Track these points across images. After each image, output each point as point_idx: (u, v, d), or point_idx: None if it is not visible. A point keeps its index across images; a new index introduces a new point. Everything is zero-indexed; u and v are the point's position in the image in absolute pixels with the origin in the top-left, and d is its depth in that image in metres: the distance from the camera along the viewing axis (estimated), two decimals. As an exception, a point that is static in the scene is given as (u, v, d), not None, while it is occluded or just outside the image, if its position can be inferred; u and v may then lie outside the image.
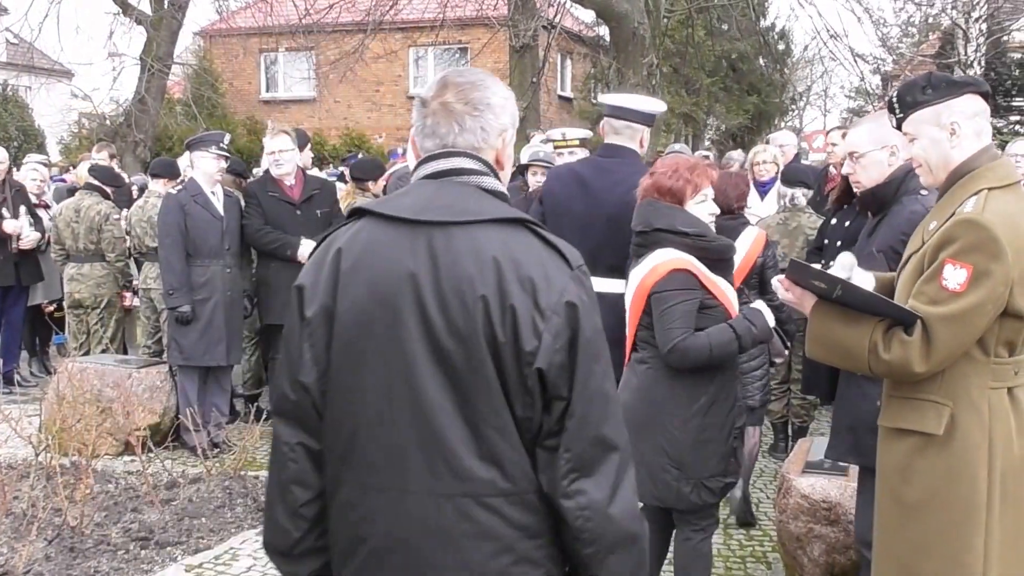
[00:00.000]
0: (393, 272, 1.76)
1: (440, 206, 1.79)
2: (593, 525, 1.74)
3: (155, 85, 15.41)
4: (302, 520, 1.86)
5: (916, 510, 2.46)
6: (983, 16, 18.46)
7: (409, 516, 1.75)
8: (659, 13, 12.47)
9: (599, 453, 1.75)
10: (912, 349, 2.35)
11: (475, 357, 1.71)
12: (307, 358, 1.82)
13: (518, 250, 1.75)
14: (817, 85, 33.86)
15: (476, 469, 1.72)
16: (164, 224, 5.91)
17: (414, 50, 24.05)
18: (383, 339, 1.76)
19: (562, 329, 1.72)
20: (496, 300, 1.71)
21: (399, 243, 1.77)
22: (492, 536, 1.74)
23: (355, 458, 1.79)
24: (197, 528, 4.65)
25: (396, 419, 1.75)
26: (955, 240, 2.35)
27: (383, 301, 1.76)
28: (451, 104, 1.84)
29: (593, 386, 1.74)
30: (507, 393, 1.72)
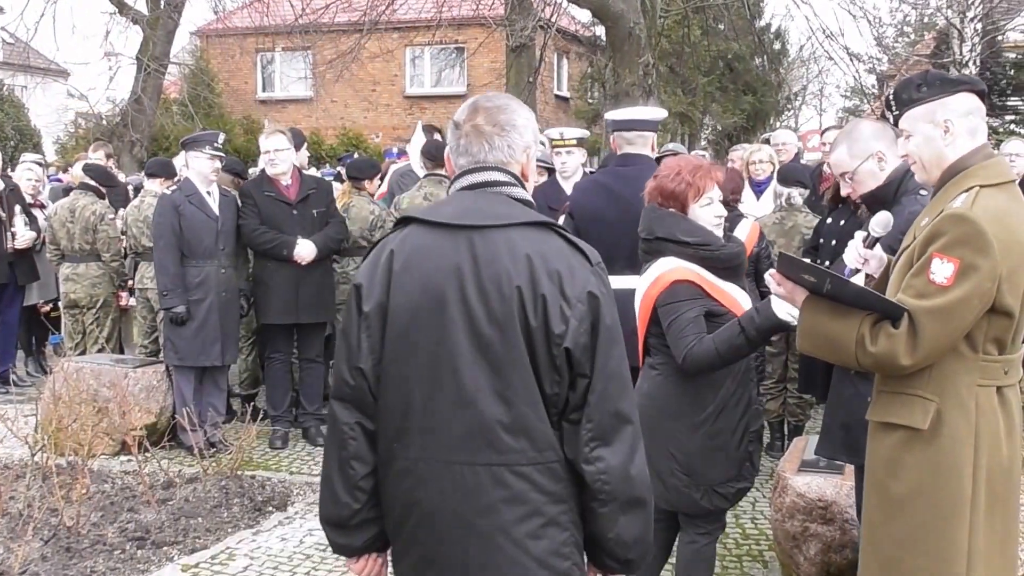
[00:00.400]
0: (440, 269, 2.03)
1: (477, 212, 2.07)
2: (610, 488, 2.02)
3: (151, 85, 15.39)
4: (361, 492, 2.11)
5: (901, 504, 2.47)
6: (978, 16, 18.50)
7: (453, 484, 2.02)
8: (655, 13, 12.47)
9: (616, 424, 2.02)
10: (898, 342, 2.36)
11: (511, 341, 1.99)
12: (364, 348, 2.08)
13: (546, 248, 2.03)
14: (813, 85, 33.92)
15: (510, 441, 1.99)
16: (158, 225, 5.90)
17: (410, 50, 24.03)
18: (431, 329, 2.03)
19: (585, 315, 2.00)
20: (529, 290, 1.99)
21: (443, 244, 2.05)
22: (523, 501, 2.00)
23: (406, 435, 2.05)
24: (193, 528, 4.65)
25: (441, 399, 2.02)
26: (943, 235, 2.37)
27: (431, 295, 2.03)
28: (481, 126, 2.13)
29: (612, 367, 2.02)
30: (537, 373, 1.99)
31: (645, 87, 10.84)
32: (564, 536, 2.04)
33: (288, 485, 5.39)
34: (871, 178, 3.29)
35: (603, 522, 2.05)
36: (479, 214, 2.07)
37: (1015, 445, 2.48)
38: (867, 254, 2.78)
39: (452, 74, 24.80)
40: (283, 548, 4.50)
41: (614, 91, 11.17)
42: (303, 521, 4.85)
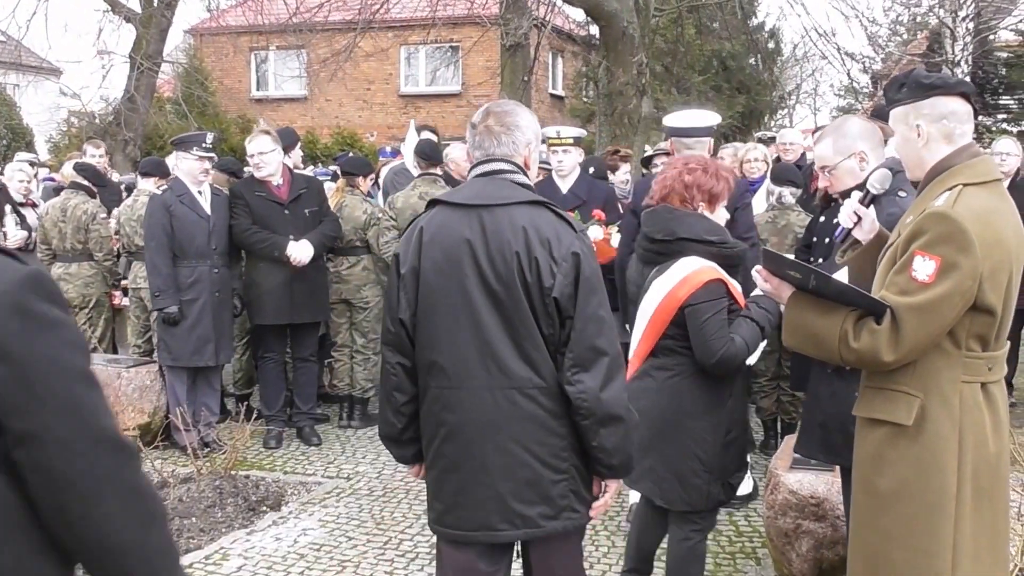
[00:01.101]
0: (457, 240, 2.59)
1: (486, 194, 2.63)
2: (588, 405, 2.53)
3: (145, 83, 15.35)
4: (402, 416, 2.72)
5: (887, 499, 2.49)
6: (970, 15, 18.55)
7: (473, 405, 2.58)
8: (649, 12, 12.45)
9: (593, 356, 2.53)
10: (881, 338, 2.38)
11: (514, 294, 2.54)
12: (403, 303, 2.66)
13: (539, 221, 2.57)
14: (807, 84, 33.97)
15: (518, 370, 2.56)
16: (149, 226, 5.89)
17: (405, 48, 24.02)
18: (452, 286, 2.59)
19: (569, 271, 2.53)
20: (525, 254, 2.53)
21: (460, 220, 2.62)
22: (530, 416, 2.57)
23: (436, 369, 2.62)
24: (187, 528, 4.65)
25: (463, 340, 2.58)
26: (925, 232, 2.39)
27: (451, 260, 2.59)
28: (492, 126, 2.70)
29: (590, 311, 2.53)
30: (536, 317, 2.55)
31: (639, 86, 10.84)
32: (563, 443, 2.60)
33: (282, 485, 5.39)
34: (849, 176, 3.33)
35: (587, 434, 2.58)
36: (488, 196, 2.63)
37: (1002, 441, 2.50)
38: (862, 211, 2.79)
39: (447, 73, 24.80)
40: (277, 548, 4.50)
41: (608, 90, 11.17)
42: (297, 521, 4.85)
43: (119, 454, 1.52)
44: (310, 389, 6.45)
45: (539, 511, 2.61)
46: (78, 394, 1.48)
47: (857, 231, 2.83)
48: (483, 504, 2.62)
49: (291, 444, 6.30)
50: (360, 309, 6.64)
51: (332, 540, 4.61)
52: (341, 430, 6.63)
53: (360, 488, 5.35)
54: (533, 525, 2.62)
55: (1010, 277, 2.43)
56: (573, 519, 2.67)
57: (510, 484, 2.60)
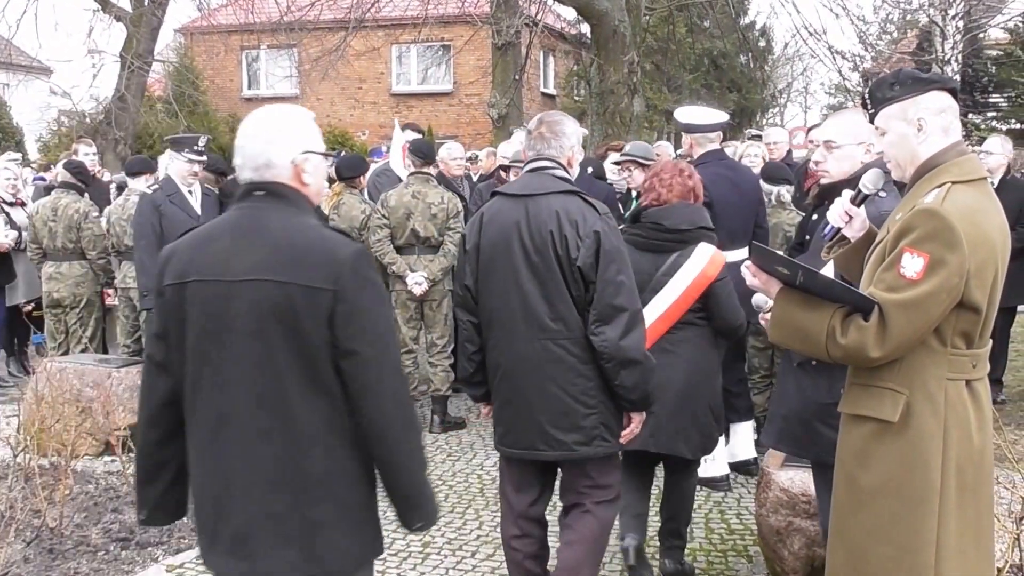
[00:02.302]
0: (507, 222, 3.32)
1: (532, 186, 3.36)
2: (608, 351, 3.20)
3: (135, 82, 15.30)
4: (473, 362, 3.46)
5: (870, 495, 2.49)
6: (960, 14, 18.61)
7: (519, 351, 3.30)
8: (640, 10, 12.46)
9: (612, 312, 3.20)
10: (868, 334, 2.39)
11: (549, 264, 3.24)
12: (468, 271, 3.41)
13: (570, 206, 3.26)
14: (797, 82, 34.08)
15: (552, 324, 3.26)
16: (138, 225, 5.87)
17: (396, 47, 24.00)
18: (503, 258, 3.31)
19: (591, 246, 3.20)
20: (557, 233, 3.23)
21: (512, 207, 3.35)
22: (562, 361, 3.26)
23: (493, 323, 3.36)
24: (178, 528, 4.62)
25: (510, 300, 3.30)
26: (913, 229, 2.39)
27: (503, 238, 3.31)
28: (543, 132, 3.42)
29: (608, 276, 3.20)
30: (566, 282, 3.24)
31: (630, 85, 10.86)
32: (591, 384, 3.26)
33: (273, 484, 5.37)
34: (848, 161, 3.40)
35: (610, 374, 3.24)
36: (533, 187, 3.35)
37: (986, 437, 2.50)
38: (853, 211, 2.79)
39: (438, 72, 24.79)
40: (268, 547, 4.49)
41: (599, 89, 11.17)
42: (288, 520, 4.84)
43: (401, 377, 2.34)
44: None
45: (573, 438, 3.27)
46: (384, 332, 2.29)
47: (847, 230, 2.83)
48: (529, 430, 3.31)
49: (283, 444, 6.28)
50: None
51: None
52: (333, 429, 6.62)
53: (352, 488, 5.33)
54: (567, 449, 3.29)
55: (995, 275, 2.44)
56: (604, 446, 3.32)
57: (548, 415, 3.27)
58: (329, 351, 2.20)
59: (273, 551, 2.23)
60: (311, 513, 2.23)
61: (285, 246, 2.23)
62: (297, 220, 2.28)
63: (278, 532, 2.23)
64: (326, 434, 2.24)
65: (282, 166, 2.30)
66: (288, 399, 2.21)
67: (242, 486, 2.24)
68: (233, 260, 2.24)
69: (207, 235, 2.35)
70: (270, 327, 2.20)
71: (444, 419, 6.56)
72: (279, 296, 2.19)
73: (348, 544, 2.29)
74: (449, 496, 5.19)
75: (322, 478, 2.24)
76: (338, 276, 2.19)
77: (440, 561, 4.32)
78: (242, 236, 2.26)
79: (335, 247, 2.24)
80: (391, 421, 2.25)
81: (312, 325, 2.18)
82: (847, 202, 2.81)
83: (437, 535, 4.61)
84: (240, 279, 2.22)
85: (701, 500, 5.07)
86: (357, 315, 2.20)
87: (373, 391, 2.22)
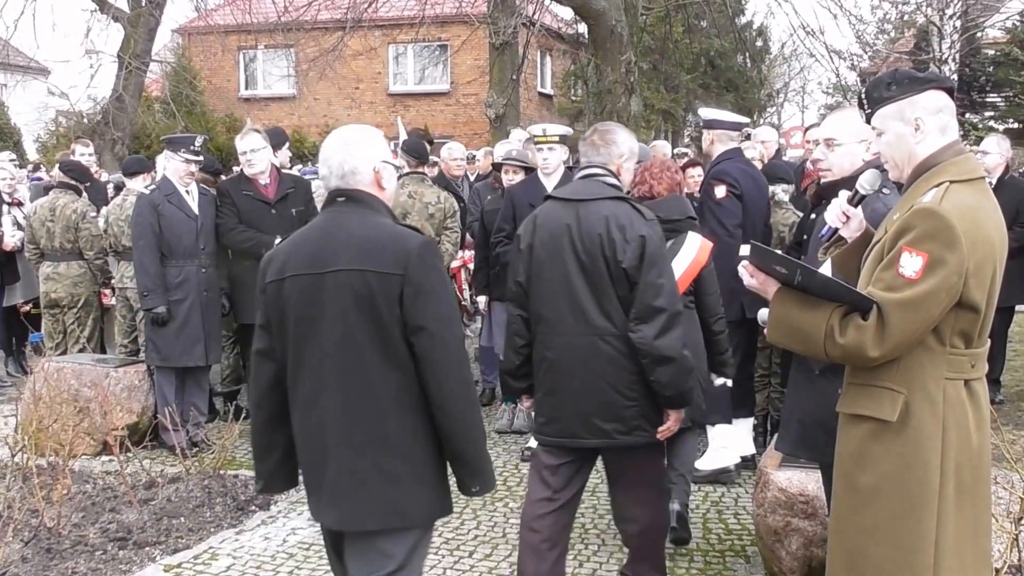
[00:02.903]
0: (559, 225, 3.53)
1: (583, 191, 3.60)
2: (644, 348, 3.41)
3: (133, 83, 15.26)
4: (520, 355, 3.65)
5: (869, 495, 2.49)
6: (957, 13, 18.63)
7: (566, 345, 3.51)
8: (637, 10, 12.47)
9: (650, 313, 3.41)
10: (866, 334, 2.38)
11: (597, 266, 3.45)
12: (521, 269, 3.61)
13: (618, 211, 3.49)
14: (795, 82, 34.10)
15: (598, 321, 3.47)
16: (137, 226, 5.87)
17: (394, 47, 23.96)
18: (554, 258, 3.52)
19: (636, 249, 3.41)
20: (606, 236, 3.44)
21: (563, 210, 3.56)
22: (607, 355, 3.46)
23: (541, 319, 3.55)
24: (176, 528, 4.63)
25: (559, 298, 3.50)
26: (912, 229, 2.39)
27: (554, 239, 3.52)
28: (595, 140, 3.67)
29: (649, 279, 3.41)
30: (613, 283, 3.45)
31: (628, 84, 10.85)
32: (633, 378, 3.47)
33: (271, 484, 5.37)
34: (848, 159, 3.42)
35: (647, 370, 3.44)
36: (583, 192, 3.59)
37: (984, 437, 2.50)
38: (851, 211, 2.79)
39: (435, 72, 24.77)
40: (266, 547, 4.49)
41: (597, 88, 11.18)
42: (286, 520, 4.84)
43: (463, 353, 2.67)
44: (299, 388, 6.43)
45: (614, 427, 3.48)
46: (446, 311, 2.63)
47: (844, 230, 2.83)
48: (572, 419, 3.52)
49: (280, 444, 6.27)
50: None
51: (321, 539, 4.58)
52: (331, 429, 6.61)
53: (350, 487, 5.33)
54: (608, 437, 3.50)
55: (993, 274, 2.44)
56: (642, 436, 3.52)
57: (592, 405, 3.48)
58: (400, 329, 2.58)
59: (358, 502, 2.63)
60: (389, 471, 2.61)
61: (362, 240, 2.64)
62: (373, 219, 2.70)
63: (362, 486, 2.62)
64: (400, 403, 2.61)
65: (365, 172, 2.72)
66: (368, 372, 2.60)
67: (333, 447, 2.64)
68: (321, 256, 2.66)
69: (300, 238, 2.77)
70: (352, 310, 2.60)
71: None
72: (358, 282, 2.59)
73: (421, 499, 2.66)
74: (447, 496, 5.19)
75: (398, 441, 2.62)
76: (406, 263, 2.59)
77: (438, 561, 4.32)
78: (327, 235, 2.69)
79: (404, 239, 2.65)
80: (452, 391, 2.60)
81: (386, 306, 2.58)
82: (844, 202, 2.81)
83: (434, 535, 4.61)
84: (327, 271, 2.63)
85: (699, 500, 5.07)
86: (423, 296, 2.58)
87: (437, 363, 2.58)
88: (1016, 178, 7.64)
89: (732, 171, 5.44)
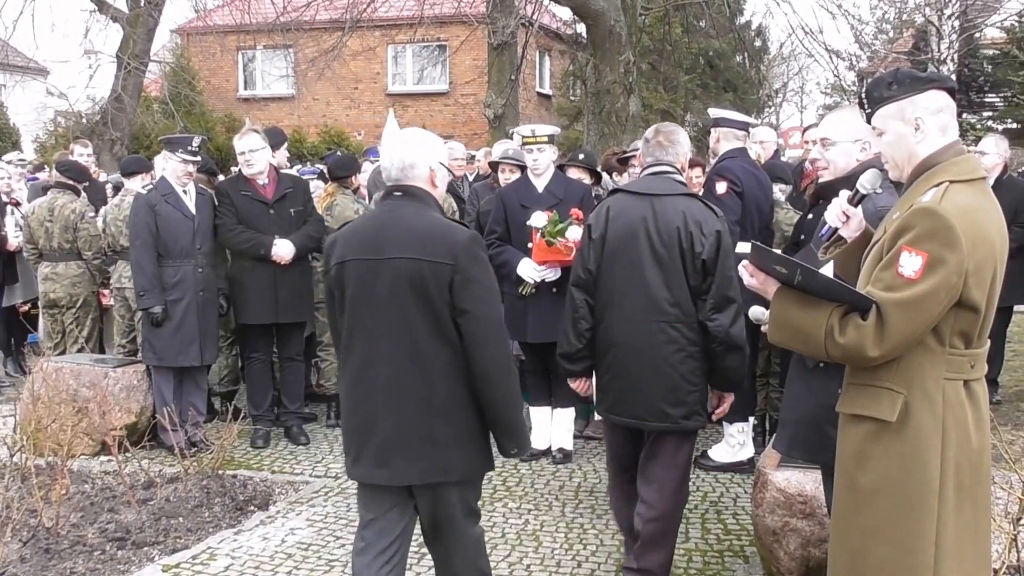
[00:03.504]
0: (635, 217, 3.77)
1: (656, 187, 3.85)
2: (720, 335, 3.67)
3: (132, 83, 15.25)
4: (582, 338, 3.86)
5: (869, 496, 2.49)
6: (955, 13, 18.65)
7: (635, 331, 3.74)
8: (636, 10, 12.46)
9: (725, 303, 3.68)
10: (866, 333, 2.38)
11: (673, 257, 3.69)
12: (591, 258, 3.82)
13: (692, 208, 3.76)
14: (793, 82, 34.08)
15: (669, 308, 3.71)
16: (134, 225, 5.86)
17: (392, 47, 23.96)
18: (628, 249, 3.75)
19: (712, 243, 3.67)
20: (684, 230, 3.69)
21: (637, 204, 3.81)
22: (674, 341, 3.71)
23: (612, 305, 3.78)
24: (174, 528, 4.63)
25: (632, 285, 3.73)
26: (912, 228, 2.38)
27: (629, 231, 3.76)
28: (661, 141, 3.96)
29: (724, 271, 3.68)
30: (686, 273, 3.69)
31: (626, 85, 10.84)
32: (696, 365, 3.73)
33: (270, 484, 5.37)
34: (843, 158, 3.47)
35: (716, 358, 3.72)
36: (657, 188, 3.84)
37: (984, 438, 2.50)
38: (851, 211, 2.79)
39: (434, 72, 24.76)
40: (265, 548, 4.49)
41: (595, 89, 11.17)
42: (285, 520, 4.83)
43: (503, 333, 3.05)
44: (297, 388, 6.43)
45: (679, 412, 3.72)
46: (489, 296, 3.00)
47: (844, 230, 2.83)
48: (636, 402, 3.76)
49: (279, 443, 6.28)
50: (348, 308, 6.62)
51: (320, 539, 4.60)
52: (329, 429, 6.61)
53: (348, 487, 5.33)
54: (673, 421, 3.73)
55: (994, 274, 2.43)
56: (699, 421, 3.80)
57: (658, 390, 3.71)
58: (449, 311, 2.94)
59: (408, 461, 2.98)
60: (436, 433, 2.97)
61: (417, 232, 2.98)
62: (426, 213, 3.04)
63: (411, 446, 2.97)
64: (447, 373, 2.98)
65: (422, 169, 3.08)
66: (419, 346, 2.96)
67: (384, 411, 2.98)
68: (379, 244, 3.01)
69: (360, 227, 3.14)
70: (405, 292, 2.96)
71: None
72: (412, 269, 2.95)
73: (465, 458, 3.04)
74: (446, 496, 5.19)
75: (444, 406, 2.98)
76: (456, 254, 2.94)
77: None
78: (385, 225, 3.04)
79: (454, 232, 3.00)
80: (493, 364, 2.97)
81: (437, 291, 2.94)
82: (844, 202, 2.81)
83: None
84: (383, 257, 2.99)
85: (697, 500, 5.07)
86: (469, 283, 2.94)
87: (481, 340, 2.95)
88: (1014, 178, 7.65)
89: (735, 168, 5.51)
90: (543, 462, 5.76)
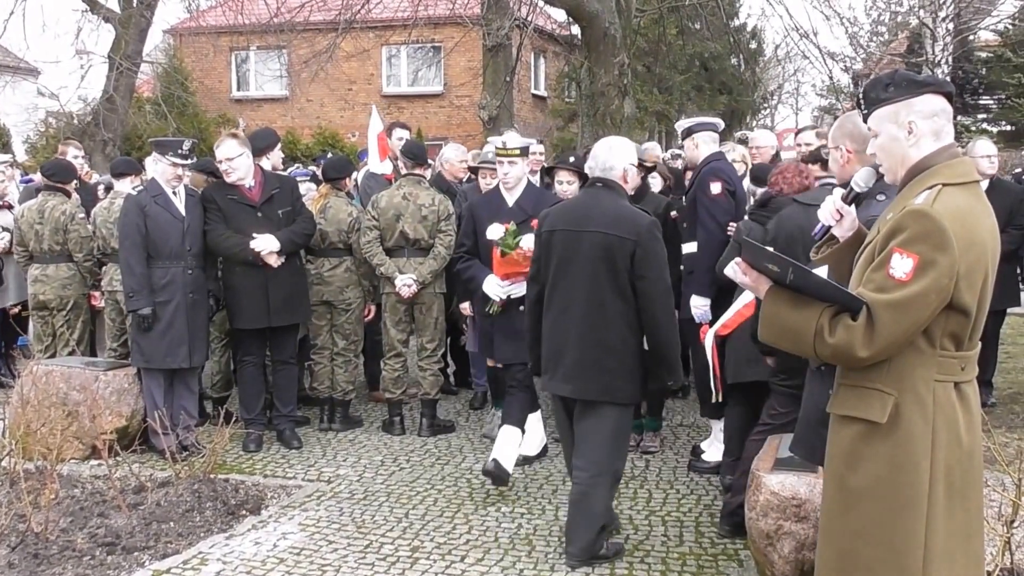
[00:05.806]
0: None
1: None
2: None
3: (124, 84, 15.22)
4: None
5: (858, 496, 2.49)
6: (950, 16, 18.69)
7: None
8: (630, 12, 12.45)
9: None
10: (855, 334, 2.38)
11: None
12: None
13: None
14: (788, 84, 34.14)
15: None
16: (123, 226, 5.82)
17: (387, 49, 23.97)
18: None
19: None
20: None
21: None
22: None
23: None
24: (165, 532, 4.59)
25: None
26: (903, 230, 2.38)
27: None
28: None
29: None
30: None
31: (621, 86, 10.83)
32: None
33: (262, 488, 5.34)
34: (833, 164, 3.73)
35: None
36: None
37: (975, 440, 2.50)
38: (844, 209, 2.78)
39: (429, 73, 24.75)
40: (256, 552, 4.46)
41: (590, 91, 11.15)
42: (277, 525, 4.80)
43: (670, 293, 4.17)
44: (290, 392, 6.39)
45: None
46: (661, 266, 4.12)
47: (837, 228, 2.82)
48: None
49: (271, 447, 6.25)
50: (342, 311, 6.58)
51: (312, 544, 4.57)
52: (322, 433, 6.59)
53: (341, 491, 5.30)
54: None
55: (985, 277, 2.43)
56: None
57: None
58: (628, 275, 4.08)
59: (586, 382, 4.17)
60: (607, 364, 4.14)
61: (611, 213, 4.12)
62: (617, 201, 4.19)
63: (589, 371, 4.15)
64: (622, 321, 4.13)
65: (619, 168, 4.25)
66: (603, 299, 4.11)
67: (572, 343, 4.18)
68: (581, 219, 4.18)
69: (568, 206, 4.38)
70: (597, 258, 4.10)
71: (433, 423, 6.54)
72: (605, 241, 4.09)
73: (626, 386, 4.19)
74: (438, 500, 5.16)
75: (615, 345, 4.14)
76: (639, 233, 4.07)
77: (429, 566, 4.30)
78: (587, 207, 4.23)
79: (638, 217, 4.14)
80: (662, 316, 4.12)
81: (621, 260, 4.07)
82: (839, 200, 2.80)
83: (426, 539, 4.59)
84: (584, 230, 4.15)
85: (691, 503, 5.06)
86: (647, 256, 4.06)
87: (652, 299, 4.09)
88: (1005, 181, 7.65)
89: (727, 169, 5.68)
90: (535, 466, 5.74)
